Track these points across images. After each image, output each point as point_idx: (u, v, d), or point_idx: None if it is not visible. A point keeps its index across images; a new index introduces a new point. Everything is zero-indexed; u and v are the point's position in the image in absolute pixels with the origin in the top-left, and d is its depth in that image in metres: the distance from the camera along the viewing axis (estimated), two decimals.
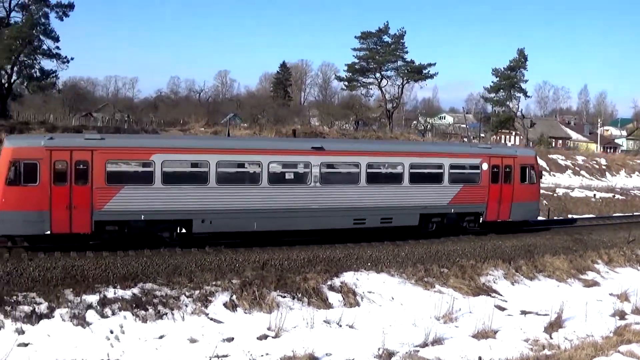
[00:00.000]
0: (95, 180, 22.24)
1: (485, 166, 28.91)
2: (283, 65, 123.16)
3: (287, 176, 25.75)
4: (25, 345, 17.58)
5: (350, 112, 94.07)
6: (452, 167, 28.22)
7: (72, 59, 55.67)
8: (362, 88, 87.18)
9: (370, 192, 26.70)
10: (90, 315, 19.56)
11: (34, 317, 18.95)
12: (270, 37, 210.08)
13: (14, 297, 19.71)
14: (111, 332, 18.96)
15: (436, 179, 28.01)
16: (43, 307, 19.52)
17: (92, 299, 20.17)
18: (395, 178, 27.49)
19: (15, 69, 53.82)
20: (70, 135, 30.44)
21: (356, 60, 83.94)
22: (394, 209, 27.16)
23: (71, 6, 54.81)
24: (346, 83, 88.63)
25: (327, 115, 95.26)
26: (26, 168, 21.44)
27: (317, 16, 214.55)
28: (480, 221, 29.69)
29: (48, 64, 56.77)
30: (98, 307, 19.88)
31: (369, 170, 26.55)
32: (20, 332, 18.28)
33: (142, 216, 23.27)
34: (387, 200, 27.03)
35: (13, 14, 54.24)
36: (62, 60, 54.99)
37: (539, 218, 36.45)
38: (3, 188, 21.30)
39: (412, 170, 27.31)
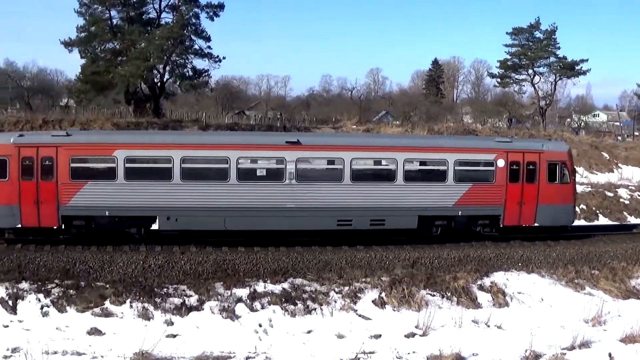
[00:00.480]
0: (60, 176, 22.16)
1: (501, 163, 25.05)
2: (435, 62, 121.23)
3: (259, 173, 23.93)
4: (174, 336, 17.91)
5: (503, 110, 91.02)
6: (458, 163, 24.66)
7: (223, 58, 57.45)
8: (514, 85, 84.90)
9: (356, 190, 24.02)
10: (240, 308, 19.73)
11: (183, 309, 19.32)
12: (421, 34, 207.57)
13: (165, 289, 20.27)
14: (260, 325, 19.04)
15: (438, 177, 24.78)
16: (193, 300, 19.89)
17: (242, 292, 20.39)
18: (387, 176, 24.65)
19: (167, 68, 56.28)
20: (39, 132, 30.95)
21: (508, 57, 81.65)
22: (385, 210, 24.31)
23: (221, 6, 56.47)
24: (498, 80, 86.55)
25: (479, 113, 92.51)
26: None
27: (468, 11, 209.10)
28: (498, 226, 25.89)
29: (200, 63, 58.92)
30: (247, 301, 20.04)
31: (353, 167, 23.89)
32: (170, 323, 18.68)
33: (107, 212, 22.72)
34: (376, 200, 24.19)
35: (163, 15, 56.87)
36: (214, 60, 56.85)
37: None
38: None
39: (407, 167, 24.36)
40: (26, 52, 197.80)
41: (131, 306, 19.26)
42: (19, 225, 22.56)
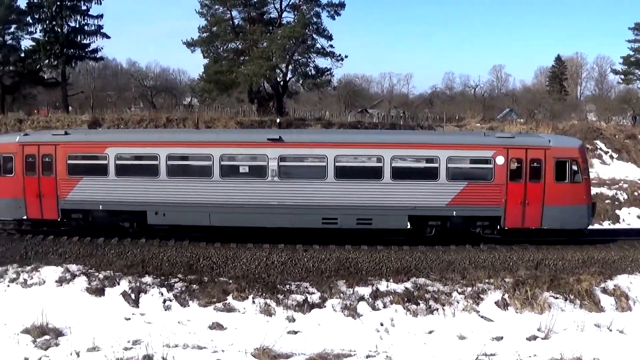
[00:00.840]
0: (59, 172, 23.99)
1: (500, 160, 23.05)
2: (558, 59, 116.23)
3: (242, 169, 23.94)
4: (295, 333, 18.08)
5: (627, 107, 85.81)
6: (450, 160, 23.10)
7: (345, 56, 57.30)
8: (638, 81, 79.18)
9: (340, 188, 23.30)
10: (362, 307, 19.71)
11: (305, 306, 19.51)
12: (544, 30, 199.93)
13: (287, 286, 20.49)
14: (381, 324, 18.95)
15: (429, 175, 23.34)
16: (315, 297, 20.03)
17: (365, 291, 20.37)
18: (373, 173, 23.46)
19: (290, 67, 56.80)
20: (41, 132, 32.17)
21: (631, 53, 76.49)
22: (372, 209, 23.33)
23: (342, 5, 56.39)
24: (622, 76, 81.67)
25: (603, 110, 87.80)
26: (4, 161, 24.43)
27: (590, 6, 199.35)
28: (499, 227, 23.72)
29: (322, 62, 59.14)
30: (370, 300, 20.02)
31: (337, 164, 23.20)
32: (291, 320, 18.93)
33: (100, 206, 24.14)
34: (362, 198, 23.28)
35: (285, 14, 57.37)
36: (336, 58, 56.82)
37: None
38: None
39: (394, 165, 23.19)
40: (148, 53, 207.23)
41: (253, 302, 19.65)
42: (25, 217, 24.65)
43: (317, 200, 23.37)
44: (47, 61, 54.06)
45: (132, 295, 19.94)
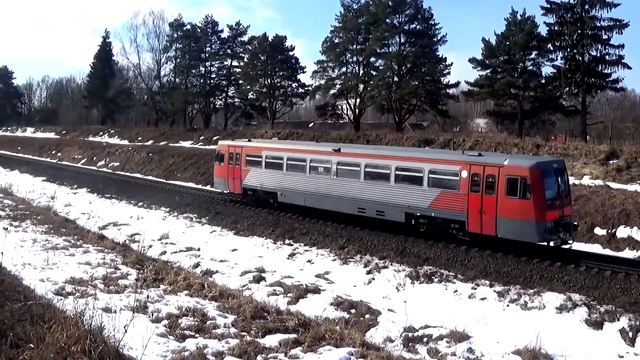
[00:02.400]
0: (242, 163, 39.62)
1: (464, 174, 27.61)
2: None
3: (320, 169, 34.59)
4: None
5: None
6: (431, 172, 29.02)
7: None
8: None
9: (367, 187, 31.80)
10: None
11: None
12: None
13: None
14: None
15: (417, 181, 29.60)
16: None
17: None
18: (385, 177, 31.16)
19: None
20: (237, 140, 47.81)
21: None
22: (384, 205, 31.04)
23: None
24: None
25: None
26: (219, 154, 42.28)
27: None
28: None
29: None
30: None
31: (366, 170, 31.98)
32: None
33: (258, 188, 38.53)
34: (379, 195, 31.24)
35: None
36: None
37: None
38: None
39: (397, 172, 30.53)
40: None
41: None
42: (227, 191, 41.14)
43: (355, 194, 32.51)
44: (567, 89, 54.77)
45: (630, 334, 18.86)
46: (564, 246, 26.47)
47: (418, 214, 29.45)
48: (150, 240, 31.16)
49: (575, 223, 27.81)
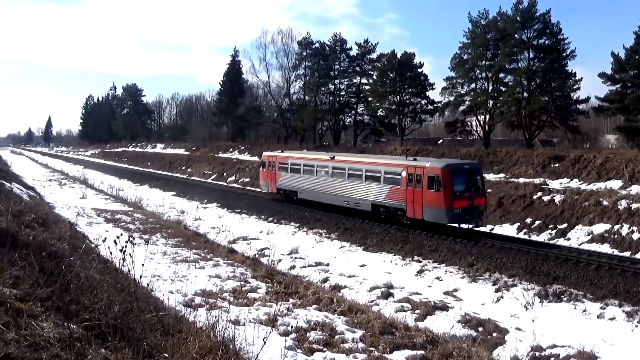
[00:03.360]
0: (277, 170, 50.54)
1: (404, 174, 36.69)
2: None
3: (323, 172, 45.26)
4: None
5: None
6: (385, 172, 38.48)
7: None
8: None
9: (349, 185, 41.79)
10: None
11: None
12: None
13: None
14: None
15: (377, 180, 39.20)
16: None
17: None
18: (359, 178, 40.95)
19: None
20: (275, 151, 56.08)
21: None
22: (359, 199, 40.83)
23: None
24: None
25: None
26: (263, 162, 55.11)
27: None
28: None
29: None
30: None
31: (349, 172, 42.01)
32: None
33: (286, 187, 49.49)
34: (356, 191, 41.12)
35: None
36: None
37: None
38: None
39: (366, 174, 40.31)
40: None
41: None
42: (267, 191, 52.50)
43: (342, 190, 42.24)
44: None
45: None
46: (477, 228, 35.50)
47: (379, 205, 39.11)
48: (280, 255, 31.71)
49: (481, 210, 35.41)
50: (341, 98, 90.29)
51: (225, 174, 79.61)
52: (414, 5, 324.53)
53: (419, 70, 77.26)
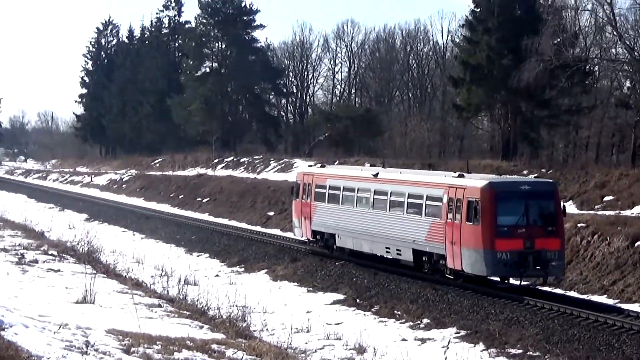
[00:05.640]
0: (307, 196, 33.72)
1: (445, 198, 24.67)
2: None
3: (364, 199, 30.04)
4: None
5: None
6: (427, 197, 25.95)
7: None
8: None
9: (392, 219, 27.43)
10: None
11: None
12: None
13: None
14: None
15: (419, 210, 26.35)
16: None
17: None
18: (401, 207, 27.66)
19: None
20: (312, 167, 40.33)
21: None
22: (399, 242, 27.29)
23: None
24: None
25: None
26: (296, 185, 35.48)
27: None
28: None
29: None
30: None
31: (392, 198, 27.77)
32: None
33: (323, 229, 31.81)
34: (396, 230, 27.31)
35: None
36: None
37: None
38: None
39: (408, 200, 26.76)
40: None
41: None
42: (300, 236, 33.31)
43: (382, 229, 27.53)
44: None
45: None
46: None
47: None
48: None
49: (550, 257, 22.44)
50: None
51: None
52: None
53: None
